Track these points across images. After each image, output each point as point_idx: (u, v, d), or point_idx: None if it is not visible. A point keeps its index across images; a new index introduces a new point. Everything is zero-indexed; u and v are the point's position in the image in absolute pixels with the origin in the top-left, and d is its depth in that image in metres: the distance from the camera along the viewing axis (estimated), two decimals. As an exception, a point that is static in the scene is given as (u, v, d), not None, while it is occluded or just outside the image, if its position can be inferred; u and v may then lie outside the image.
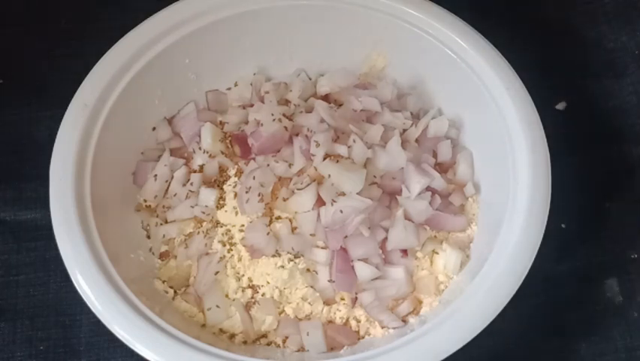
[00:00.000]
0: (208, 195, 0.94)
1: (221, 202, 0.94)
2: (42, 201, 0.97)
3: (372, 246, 0.89)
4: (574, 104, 1.09)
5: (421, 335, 0.79)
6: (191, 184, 0.95)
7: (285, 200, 0.90)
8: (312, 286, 0.90)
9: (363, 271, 0.89)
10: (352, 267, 0.89)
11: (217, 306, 0.89)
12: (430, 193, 0.92)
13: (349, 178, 0.89)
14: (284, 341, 0.90)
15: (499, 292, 0.80)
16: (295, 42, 1.02)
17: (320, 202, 0.89)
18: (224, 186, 0.95)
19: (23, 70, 1.10)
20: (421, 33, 0.95)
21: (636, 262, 0.99)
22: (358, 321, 0.90)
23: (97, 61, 0.92)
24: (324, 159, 0.91)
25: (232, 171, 0.95)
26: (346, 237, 0.89)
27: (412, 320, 0.89)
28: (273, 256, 0.89)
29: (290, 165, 0.92)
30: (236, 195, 0.93)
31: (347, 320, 0.90)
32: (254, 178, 0.90)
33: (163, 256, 0.95)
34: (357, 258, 0.89)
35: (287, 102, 1.00)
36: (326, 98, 1.00)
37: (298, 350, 0.89)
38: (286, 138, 0.93)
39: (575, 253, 0.99)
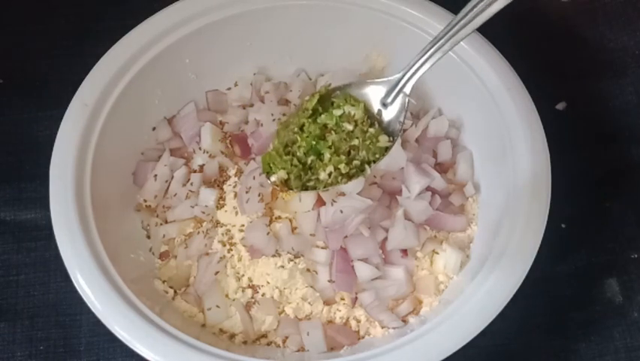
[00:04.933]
0: (208, 195, 0.94)
1: (221, 202, 0.94)
2: (42, 201, 0.97)
3: (372, 246, 0.89)
4: (574, 104, 1.09)
5: (421, 335, 0.79)
6: (191, 184, 0.95)
7: (284, 200, 0.91)
8: (312, 286, 0.90)
9: (363, 271, 0.89)
10: (352, 267, 0.89)
11: (217, 306, 0.89)
12: (430, 193, 0.92)
13: (349, 178, 0.89)
14: (284, 341, 0.90)
15: (499, 292, 0.80)
16: (295, 42, 1.02)
17: (320, 202, 0.89)
18: (224, 186, 0.95)
19: (23, 70, 1.10)
20: (421, 33, 0.95)
21: (636, 262, 0.99)
22: (358, 321, 0.90)
23: (97, 61, 0.92)
24: (324, 159, 0.91)
25: (232, 171, 0.95)
26: (346, 237, 0.89)
27: (412, 320, 0.89)
28: (273, 256, 0.89)
29: (290, 165, 0.92)
30: (236, 195, 0.93)
31: (347, 320, 0.90)
32: (254, 178, 0.90)
33: (163, 256, 0.95)
34: (357, 258, 0.89)
35: (287, 102, 1.00)
36: (326, 98, 1.00)
37: (298, 350, 0.89)
38: (286, 138, 0.93)
39: (575, 253, 0.99)
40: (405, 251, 0.91)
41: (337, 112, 0.76)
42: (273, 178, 0.77)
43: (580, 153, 1.04)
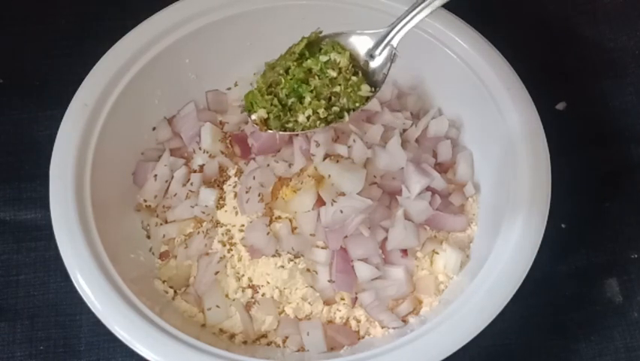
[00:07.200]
0: (208, 195, 0.94)
1: (221, 202, 0.94)
2: (42, 201, 0.97)
3: (372, 246, 0.89)
4: (574, 104, 1.09)
5: (421, 335, 0.79)
6: (191, 184, 0.95)
7: (285, 200, 0.91)
8: (312, 286, 0.90)
9: (363, 271, 0.89)
10: (352, 267, 0.89)
11: (217, 306, 0.89)
12: (430, 193, 0.92)
13: (349, 178, 0.89)
14: (284, 341, 0.90)
15: (499, 292, 0.80)
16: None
17: (320, 202, 0.89)
18: (224, 186, 0.95)
19: (23, 70, 1.10)
20: (421, 33, 0.95)
21: (636, 262, 0.99)
22: (358, 321, 0.90)
23: (97, 61, 0.92)
24: (324, 159, 0.91)
25: (232, 171, 0.95)
26: (346, 237, 0.89)
27: (412, 320, 0.89)
28: (273, 256, 0.89)
29: (290, 165, 0.92)
30: (236, 195, 0.93)
31: (347, 320, 0.90)
32: (254, 178, 0.90)
33: (163, 256, 0.95)
34: (357, 258, 0.89)
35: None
36: (326, 97, 1.00)
37: (298, 350, 0.89)
38: (286, 138, 0.93)
39: (575, 253, 0.99)
40: (405, 251, 0.91)
41: (323, 58, 0.78)
42: (254, 117, 0.78)
43: (580, 153, 1.04)
